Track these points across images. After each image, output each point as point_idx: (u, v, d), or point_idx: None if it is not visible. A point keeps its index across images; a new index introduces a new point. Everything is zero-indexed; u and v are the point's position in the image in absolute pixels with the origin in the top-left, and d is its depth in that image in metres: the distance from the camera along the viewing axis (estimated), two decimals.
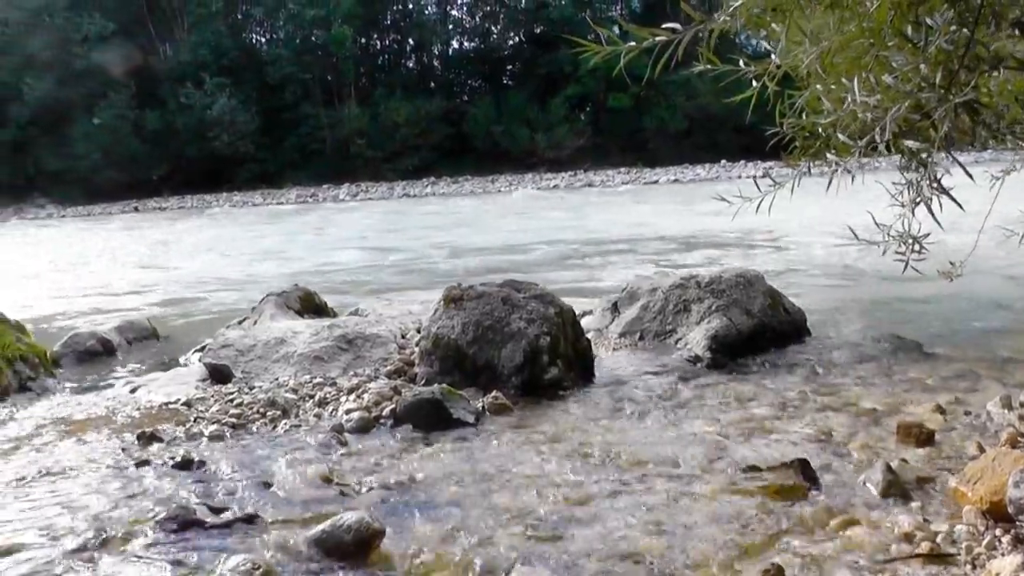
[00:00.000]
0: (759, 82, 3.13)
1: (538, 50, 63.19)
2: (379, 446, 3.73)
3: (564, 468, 3.36)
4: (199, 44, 63.30)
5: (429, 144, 58.78)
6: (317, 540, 2.67)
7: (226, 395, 4.71)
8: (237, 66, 62.50)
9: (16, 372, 5.71)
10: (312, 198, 50.86)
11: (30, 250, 24.64)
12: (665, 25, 2.62)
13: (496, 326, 4.51)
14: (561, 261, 13.10)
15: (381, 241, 19.48)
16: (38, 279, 15.72)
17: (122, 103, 60.42)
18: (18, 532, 3.03)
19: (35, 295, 12.80)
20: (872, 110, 2.82)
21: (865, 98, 2.77)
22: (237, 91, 59.70)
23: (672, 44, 2.57)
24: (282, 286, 7.41)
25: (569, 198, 34.39)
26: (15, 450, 4.13)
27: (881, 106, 2.72)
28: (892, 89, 2.74)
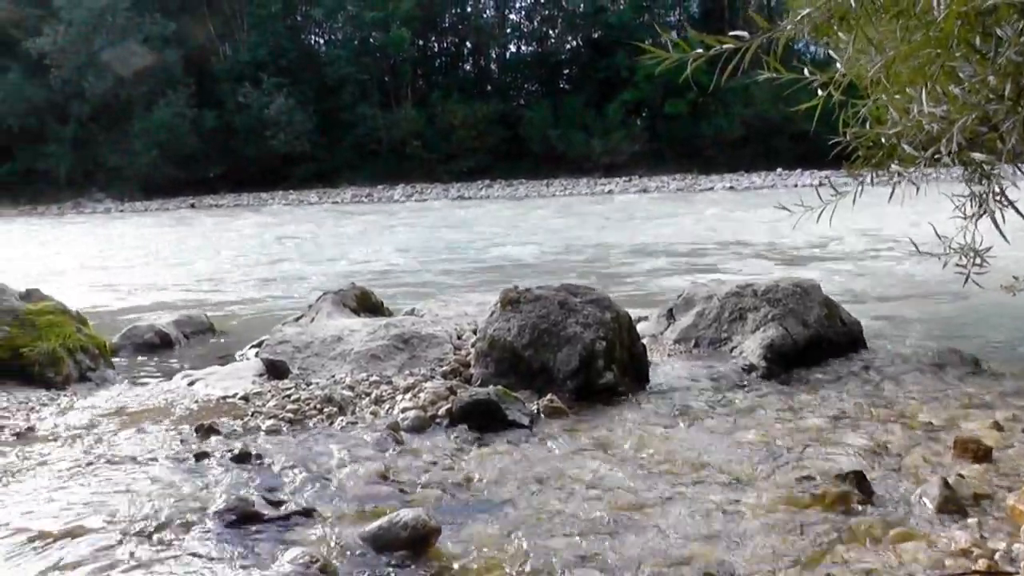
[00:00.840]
0: (824, 91, 3.12)
1: (595, 54, 63.16)
2: (435, 445, 3.75)
3: (618, 473, 3.36)
4: (258, 44, 64.10)
5: (485, 147, 58.93)
6: (374, 536, 2.69)
7: (283, 391, 4.76)
8: (295, 66, 63.15)
9: (77, 362, 5.82)
10: (367, 198, 51.23)
11: (89, 243, 25.07)
12: (732, 33, 2.61)
13: (552, 329, 4.52)
14: (616, 266, 13.08)
15: (436, 242, 19.57)
16: (97, 271, 16.01)
17: (181, 102, 61.40)
18: (82, 516, 3.09)
19: (93, 287, 13.04)
20: (938, 121, 2.80)
21: (932, 109, 2.75)
22: (295, 91, 60.35)
23: (739, 52, 2.57)
24: (338, 284, 7.49)
25: (623, 203, 34.28)
26: (77, 438, 4.22)
27: (948, 117, 2.70)
28: (959, 100, 2.72)
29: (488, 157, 58.36)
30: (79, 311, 6.57)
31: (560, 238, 19.20)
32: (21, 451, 4.04)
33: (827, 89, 3.13)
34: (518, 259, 14.95)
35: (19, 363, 5.63)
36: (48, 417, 4.75)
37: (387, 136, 60.22)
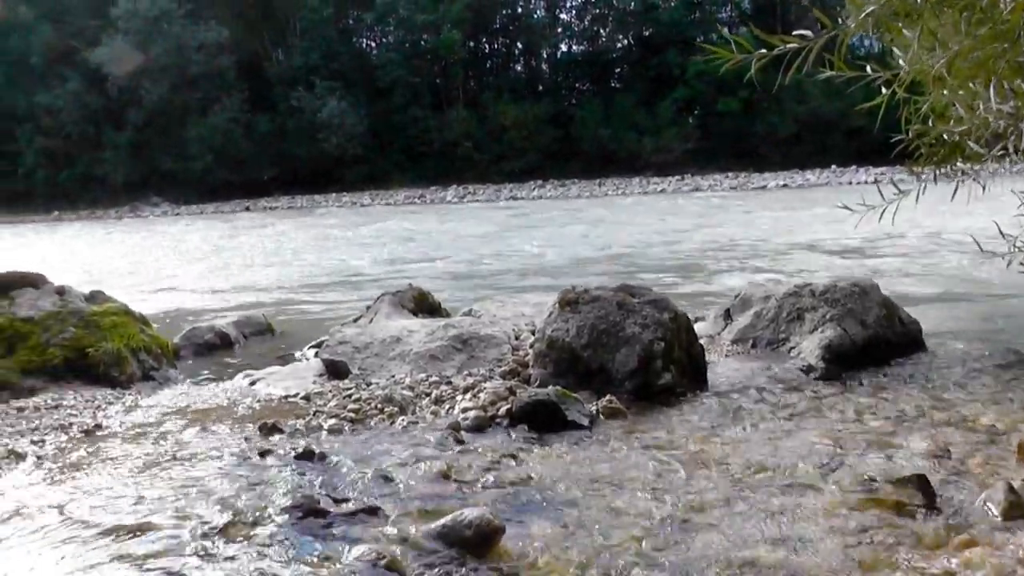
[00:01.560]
0: (888, 88, 3.09)
1: (646, 53, 63.05)
2: (495, 445, 3.77)
3: (679, 474, 3.35)
4: (310, 49, 64.88)
5: (536, 147, 59.07)
6: (439, 534, 2.71)
7: (344, 390, 4.82)
8: (347, 70, 63.87)
9: (140, 362, 5.94)
10: (420, 199, 51.51)
11: (146, 245, 25.45)
12: (796, 32, 2.60)
13: (611, 330, 4.52)
14: (672, 266, 13.03)
15: (491, 242, 19.62)
16: (155, 273, 16.25)
17: (235, 106, 62.45)
18: (150, 513, 3.15)
19: (153, 289, 13.25)
20: (1005, 117, 2.77)
21: (999, 105, 2.72)
22: (347, 94, 61.05)
23: (803, 51, 2.56)
24: (396, 285, 7.54)
25: (676, 202, 34.12)
26: (142, 435, 4.31)
27: (1016, 113, 2.66)
28: None
29: (539, 157, 58.45)
30: (141, 312, 6.69)
31: (613, 238, 19.17)
32: (89, 447, 4.14)
33: (891, 87, 3.10)
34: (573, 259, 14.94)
35: (85, 363, 5.75)
36: (114, 415, 4.85)
37: (439, 138, 60.57)
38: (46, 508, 3.30)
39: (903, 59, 3.06)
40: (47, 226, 50.73)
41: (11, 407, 5.14)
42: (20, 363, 5.70)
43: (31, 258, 21.79)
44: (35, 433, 4.52)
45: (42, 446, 4.24)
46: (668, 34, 61.63)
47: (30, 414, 4.96)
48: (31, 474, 3.80)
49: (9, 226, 52.86)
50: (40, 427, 4.65)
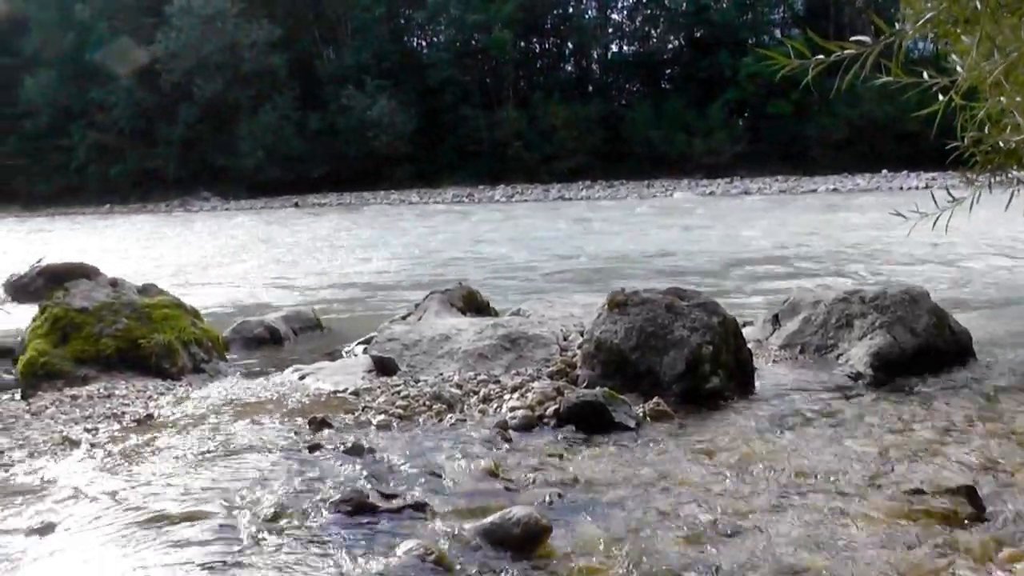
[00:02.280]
0: (944, 95, 3.06)
1: (698, 54, 62.72)
2: (542, 445, 3.78)
3: (725, 478, 3.34)
4: (361, 48, 65.32)
5: (585, 147, 59.00)
6: (486, 531, 2.74)
7: (392, 387, 4.85)
8: (397, 69, 64.22)
9: (191, 354, 6.04)
10: (468, 198, 51.64)
11: (197, 240, 25.75)
12: (854, 38, 2.59)
13: (659, 333, 4.52)
14: (720, 269, 12.97)
15: (540, 242, 19.64)
16: (206, 267, 16.44)
17: (286, 104, 63.06)
18: (203, 502, 3.21)
19: (203, 282, 13.41)
20: None
21: None
22: (397, 93, 61.37)
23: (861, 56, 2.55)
24: (443, 283, 7.58)
25: (725, 205, 33.92)
26: (194, 426, 4.38)
27: None
28: None
29: (589, 158, 58.38)
30: (192, 306, 6.79)
31: (662, 239, 19.11)
32: (141, 437, 4.20)
33: (947, 93, 3.07)
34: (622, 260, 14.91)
35: (136, 354, 5.86)
36: (165, 406, 4.92)
37: (488, 137, 60.69)
38: (100, 494, 3.37)
39: (960, 65, 3.03)
40: (99, 219, 51.54)
41: (65, 395, 5.26)
42: (74, 352, 5.82)
43: (83, 250, 22.12)
44: (88, 421, 4.62)
45: (95, 434, 4.33)
46: (720, 35, 61.29)
47: (83, 402, 5.07)
48: (84, 461, 3.88)
49: (62, 218, 53.84)
50: (93, 415, 4.75)
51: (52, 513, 3.21)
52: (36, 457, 3.98)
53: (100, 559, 2.79)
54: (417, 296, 8.71)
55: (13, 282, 11.87)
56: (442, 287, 7.06)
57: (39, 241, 29.38)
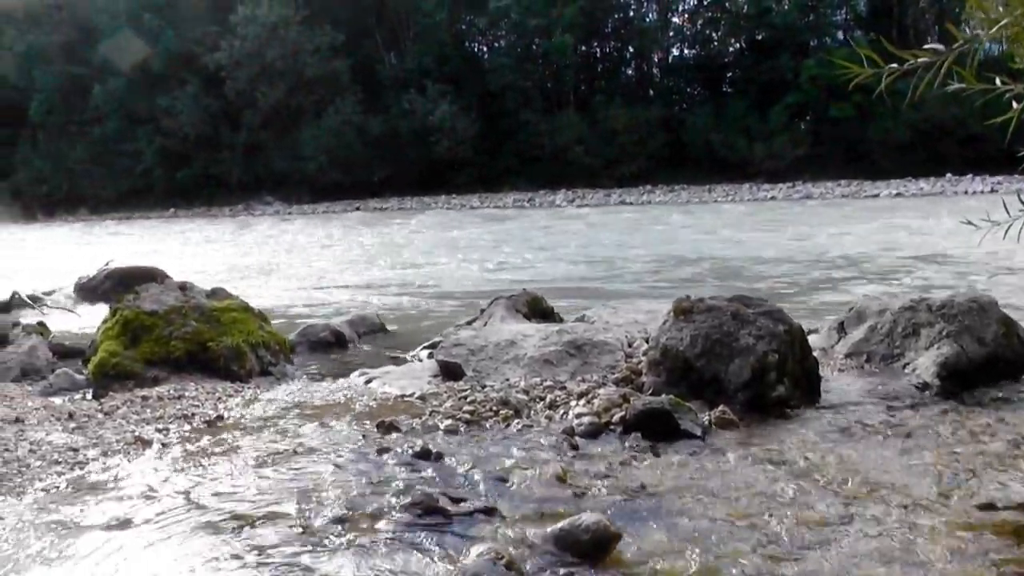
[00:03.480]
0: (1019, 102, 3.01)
1: (759, 56, 61.96)
2: (609, 452, 3.78)
3: (793, 488, 3.31)
4: (423, 53, 65.67)
5: (646, 152, 58.67)
6: (556, 537, 2.75)
7: (459, 392, 4.90)
8: (459, 74, 64.46)
9: (259, 357, 6.15)
10: (529, 203, 51.66)
11: (260, 243, 26.05)
12: (927, 46, 2.57)
13: (725, 340, 4.50)
14: (785, 276, 12.84)
15: (601, 247, 19.61)
16: (269, 272, 16.63)
17: (348, 109, 63.58)
18: (276, 503, 3.29)
19: (269, 285, 13.58)
20: None
21: None
22: (458, 98, 61.59)
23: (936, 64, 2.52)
24: (506, 288, 7.62)
25: (787, 210, 33.58)
26: (263, 428, 4.48)
27: None
28: None
29: (649, 162, 58.07)
30: (260, 309, 6.90)
31: (725, 245, 18.99)
32: (212, 438, 4.32)
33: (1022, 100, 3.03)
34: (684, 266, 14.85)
35: (205, 356, 5.99)
36: (234, 408, 5.03)
37: (549, 142, 60.65)
38: (172, 493, 3.47)
39: None
40: (164, 222, 52.47)
41: (136, 395, 5.39)
42: (144, 354, 5.96)
43: (149, 253, 22.54)
44: (159, 422, 4.73)
45: (166, 434, 4.44)
46: (781, 37, 60.56)
47: (154, 403, 5.20)
48: (157, 460, 3.99)
49: (128, 222, 54.91)
50: (164, 416, 4.86)
51: (127, 511, 3.30)
52: (109, 456, 4.10)
53: (176, 557, 2.86)
54: (479, 301, 8.76)
55: (82, 284, 12.13)
56: (505, 292, 7.10)
57: (106, 244, 29.97)
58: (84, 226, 52.04)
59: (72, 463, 4.01)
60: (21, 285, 12.27)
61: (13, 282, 14.92)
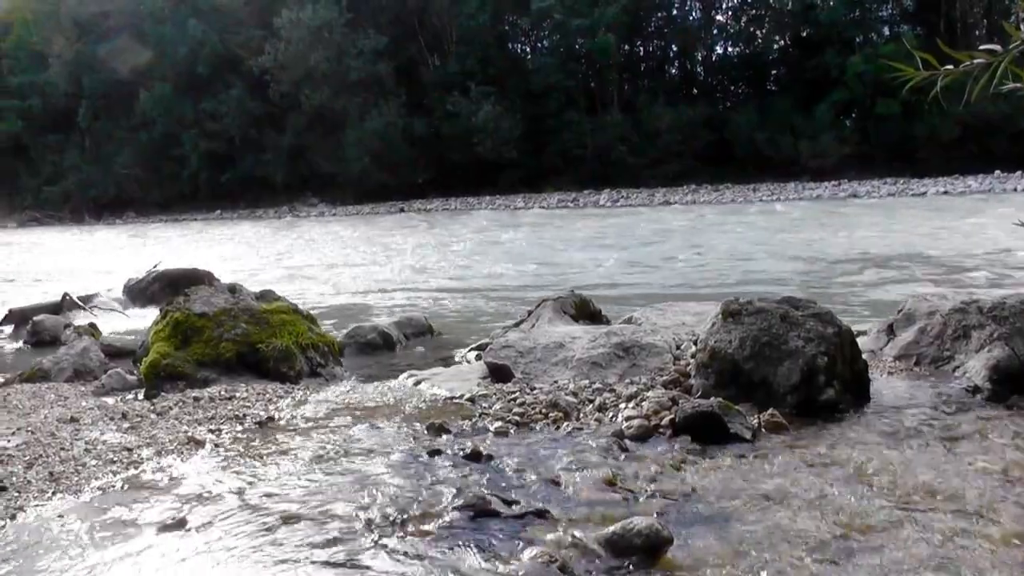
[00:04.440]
0: None
1: (804, 53, 61.28)
2: (659, 454, 3.79)
3: (843, 492, 3.28)
4: (466, 55, 65.82)
5: (690, 151, 58.26)
6: (608, 540, 2.76)
7: (508, 394, 4.94)
8: (502, 75, 64.50)
9: (308, 359, 6.23)
10: (573, 203, 51.57)
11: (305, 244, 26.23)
12: (983, 47, 2.54)
13: (773, 343, 4.47)
14: (832, 276, 12.72)
15: (646, 248, 19.54)
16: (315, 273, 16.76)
17: (392, 111, 63.93)
18: (329, 503, 3.34)
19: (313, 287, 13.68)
20: None
21: None
22: (501, 99, 61.57)
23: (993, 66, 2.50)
24: (552, 290, 7.62)
25: (833, 209, 33.25)
26: (314, 429, 4.54)
27: None
28: None
29: (693, 161, 57.71)
30: (308, 311, 6.98)
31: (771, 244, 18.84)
32: (263, 438, 4.39)
33: None
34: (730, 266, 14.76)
35: (255, 357, 6.09)
36: (285, 408, 5.11)
37: (592, 142, 60.52)
38: (227, 493, 3.54)
39: None
40: (209, 224, 53.02)
41: (187, 396, 5.49)
42: (195, 355, 6.06)
43: (196, 255, 22.78)
44: (212, 422, 4.82)
45: (219, 435, 4.53)
46: (827, 34, 59.83)
47: (205, 403, 5.29)
48: (209, 461, 4.07)
49: (174, 224, 55.50)
50: (216, 416, 4.95)
51: (182, 510, 3.37)
52: (163, 455, 4.18)
53: (231, 555, 2.92)
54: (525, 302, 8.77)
55: (130, 286, 12.31)
56: (552, 294, 7.11)
57: (153, 246, 30.34)
58: (131, 228, 52.70)
59: (127, 462, 4.09)
60: (71, 287, 12.47)
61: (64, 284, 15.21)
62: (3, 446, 4.51)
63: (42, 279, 18.81)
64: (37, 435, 4.72)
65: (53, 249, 32.53)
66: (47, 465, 4.10)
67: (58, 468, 4.05)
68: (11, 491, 3.75)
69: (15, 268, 23.21)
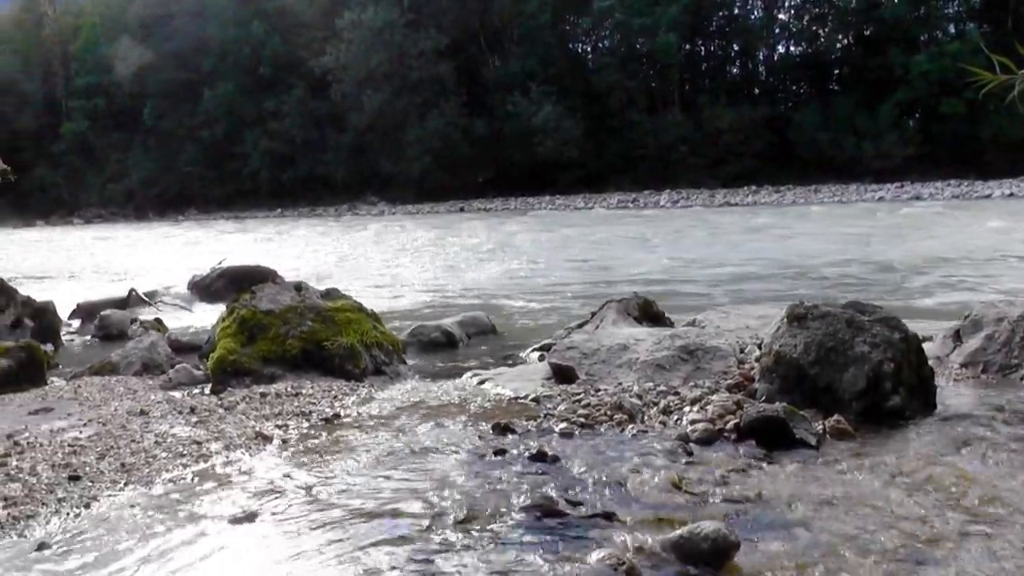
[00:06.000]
0: None
1: (867, 52, 60.33)
2: (724, 459, 3.77)
3: (910, 502, 3.24)
4: (527, 54, 65.92)
5: (751, 152, 57.73)
6: (675, 544, 2.77)
7: (573, 395, 4.96)
8: (563, 74, 64.54)
9: (372, 357, 6.32)
10: (633, 203, 51.44)
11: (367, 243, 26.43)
12: None
13: (839, 348, 4.43)
14: (897, 280, 12.54)
15: (709, 249, 19.43)
16: (377, 271, 16.90)
17: (452, 111, 64.33)
18: (396, 499, 3.39)
19: (375, 285, 13.80)
20: None
21: None
22: (562, 99, 61.57)
23: None
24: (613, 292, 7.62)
25: (896, 211, 32.77)
26: (380, 426, 4.61)
27: None
28: None
29: (754, 162, 57.18)
30: (373, 309, 7.06)
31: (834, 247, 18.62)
32: (330, 435, 4.47)
33: None
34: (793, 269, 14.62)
35: (320, 355, 6.18)
36: (351, 406, 5.18)
37: (653, 142, 60.28)
38: (295, 488, 3.61)
39: None
40: (270, 222, 53.64)
41: (254, 392, 5.60)
42: (261, 352, 6.17)
43: (257, 252, 23.07)
44: (278, 418, 4.91)
45: (286, 431, 4.61)
46: (890, 32, 58.78)
47: (272, 399, 5.39)
48: (277, 456, 4.15)
49: (236, 221, 56.21)
50: (283, 412, 5.04)
51: (253, 504, 3.45)
52: (232, 450, 4.28)
53: (301, 549, 2.98)
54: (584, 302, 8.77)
55: (195, 282, 12.54)
56: (616, 296, 7.12)
57: (215, 243, 30.77)
58: (194, 225, 53.58)
59: (196, 455, 4.20)
60: (136, 282, 12.72)
61: (129, 279, 15.52)
62: (75, 436, 4.65)
63: (107, 274, 19.20)
64: (108, 427, 4.86)
65: (117, 245, 33.16)
66: (118, 456, 4.22)
67: (129, 459, 4.16)
68: (84, 480, 3.86)
69: (80, 264, 23.71)
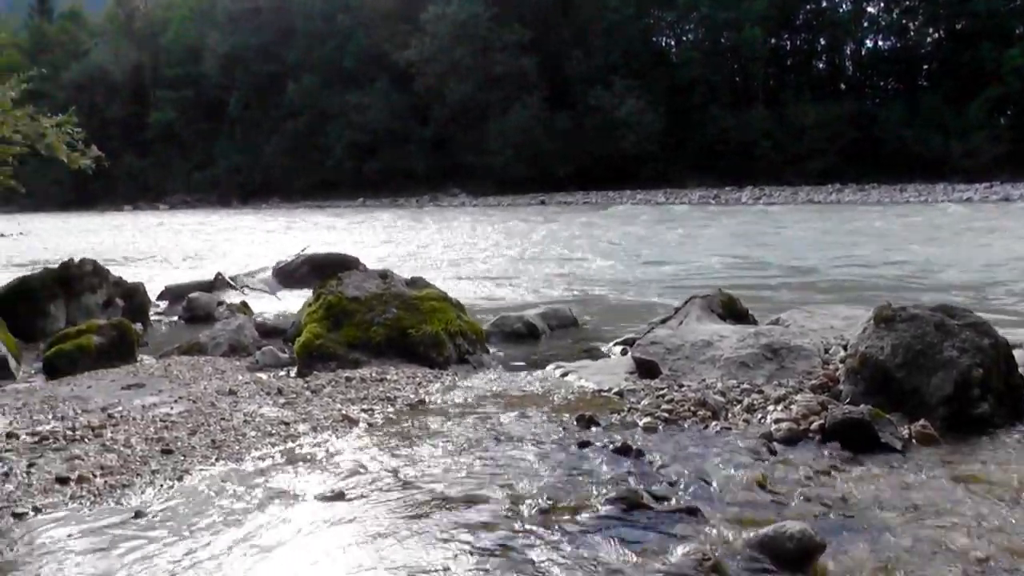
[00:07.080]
0: None
1: (958, 47, 58.68)
2: (808, 459, 3.75)
3: (1000, 512, 3.17)
4: (610, 48, 65.79)
5: (836, 148, 56.70)
6: (761, 543, 2.78)
7: (656, 390, 4.98)
8: (646, 68, 64.25)
9: (456, 345, 6.42)
10: (714, 200, 50.97)
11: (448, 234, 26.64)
12: None
13: (927, 352, 4.36)
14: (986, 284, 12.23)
15: (792, 248, 19.19)
16: (459, 262, 17.02)
17: (535, 104, 64.54)
18: (480, 487, 3.46)
19: (457, 276, 13.91)
20: None
21: None
22: (644, 93, 61.22)
23: None
24: (695, 288, 7.57)
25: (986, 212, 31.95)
26: (464, 414, 4.69)
27: None
28: None
29: (838, 159, 56.15)
30: (457, 299, 7.15)
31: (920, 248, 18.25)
32: (415, 420, 4.56)
33: None
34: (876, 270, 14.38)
35: (405, 342, 6.30)
36: (435, 393, 5.28)
37: (736, 137, 59.68)
38: (381, 471, 3.71)
39: None
40: (353, 211, 54.18)
41: (339, 376, 5.75)
42: (346, 337, 6.32)
43: (340, 241, 23.39)
44: (364, 402, 5.03)
45: (371, 415, 4.73)
46: (983, 26, 56.93)
47: (357, 384, 5.53)
48: (364, 438, 4.27)
49: (318, 210, 57.09)
50: (368, 397, 5.17)
51: (340, 484, 3.56)
52: (319, 432, 4.40)
53: (386, 530, 3.06)
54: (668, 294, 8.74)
55: (280, 268, 12.78)
56: (700, 292, 7.07)
57: (299, 231, 31.28)
58: (277, 213, 54.43)
59: (284, 435, 4.33)
60: (221, 267, 13.00)
61: (214, 264, 15.87)
62: (167, 412, 4.82)
63: (193, 258, 19.64)
64: (198, 404, 5.04)
65: (203, 231, 33.82)
66: (209, 433, 4.38)
67: (219, 436, 4.31)
68: (176, 455, 4.03)
69: (167, 247, 24.29)
